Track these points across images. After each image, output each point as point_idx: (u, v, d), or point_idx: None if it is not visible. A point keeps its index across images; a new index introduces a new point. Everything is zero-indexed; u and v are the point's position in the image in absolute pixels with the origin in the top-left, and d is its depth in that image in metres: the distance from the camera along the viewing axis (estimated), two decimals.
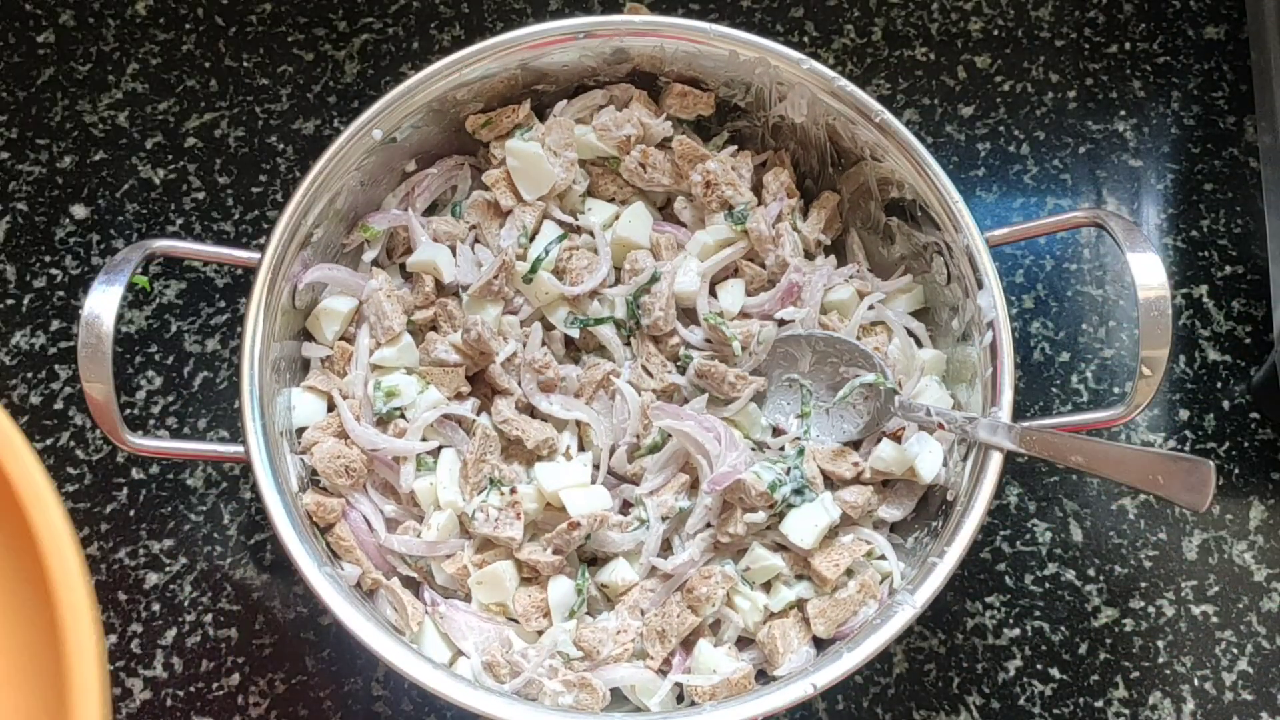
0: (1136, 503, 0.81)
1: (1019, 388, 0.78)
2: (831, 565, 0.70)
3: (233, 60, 0.93)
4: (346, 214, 0.77)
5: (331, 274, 0.75)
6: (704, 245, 0.76)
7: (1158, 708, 0.76)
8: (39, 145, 0.90)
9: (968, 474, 0.69)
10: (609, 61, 0.79)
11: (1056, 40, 0.94)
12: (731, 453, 0.70)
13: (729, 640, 0.71)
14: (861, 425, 0.73)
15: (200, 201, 0.88)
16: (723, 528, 0.70)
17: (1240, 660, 0.77)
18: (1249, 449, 0.83)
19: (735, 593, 0.70)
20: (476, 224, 0.78)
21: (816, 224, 0.79)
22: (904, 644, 0.77)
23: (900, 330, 0.77)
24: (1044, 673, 0.77)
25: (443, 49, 0.93)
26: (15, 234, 0.88)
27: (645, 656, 0.70)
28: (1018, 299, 0.87)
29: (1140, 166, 0.91)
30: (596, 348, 0.77)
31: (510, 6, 0.95)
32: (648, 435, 0.73)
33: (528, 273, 0.75)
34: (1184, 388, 0.84)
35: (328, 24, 0.94)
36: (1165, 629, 0.78)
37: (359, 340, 0.75)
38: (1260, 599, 0.79)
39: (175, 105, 0.91)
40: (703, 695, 0.68)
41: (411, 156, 0.79)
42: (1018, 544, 0.80)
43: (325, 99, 0.92)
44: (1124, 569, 0.79)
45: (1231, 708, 0.76)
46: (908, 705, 0.76)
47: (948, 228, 0.73)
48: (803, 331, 0.75)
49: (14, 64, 0.92)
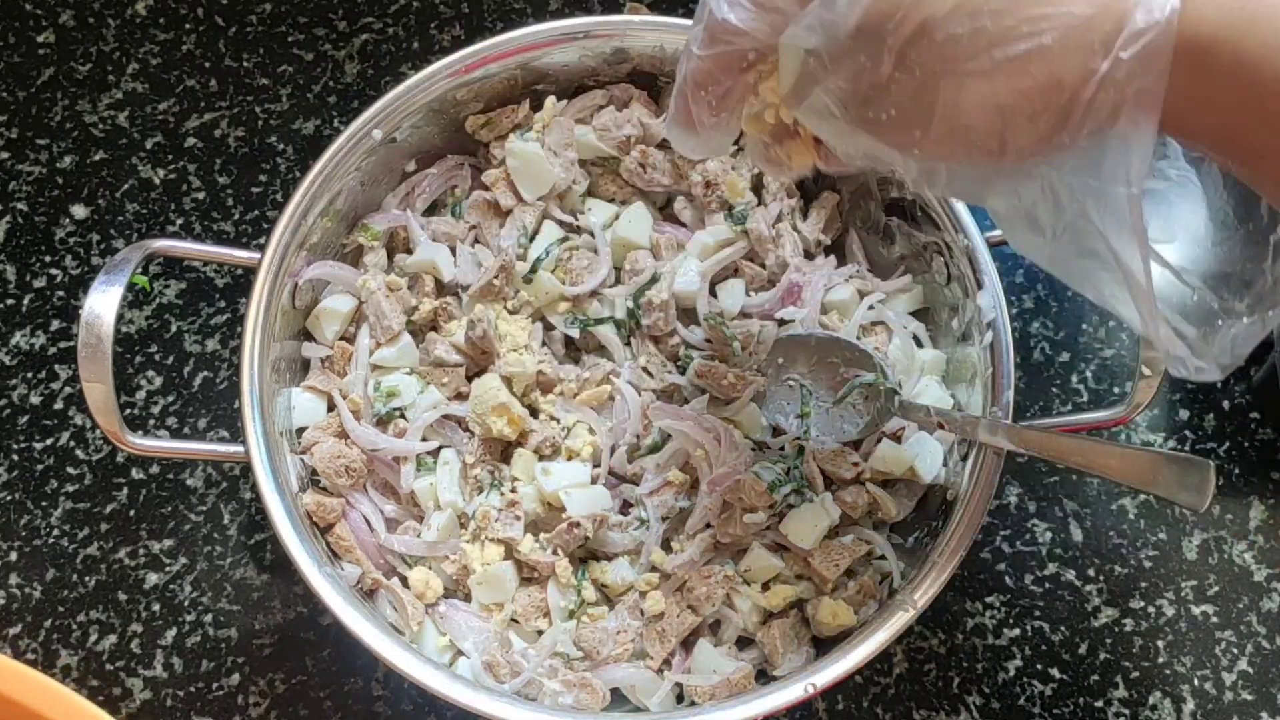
0: (1136, 503, 0.81)
1: (1019, 388, 0.77)
2: (831, 565, 0.70)
3: (233, 60, 0.93)
4: (346, 214, 0.77)
5: (332, 271, 0.75)
6: (704, 245, 0.76)
7: (1158, 708, 0.76)
8: (39, 145, 0.90)
9: (968, 474, 0.69)
10: (609, 61, 0.79)
11: None
12: (731, 453, 0.70)
13: (729, 640, 0.71)
14: (861, 425, 0.73)
15: (200, 201, 0.88)
16: (723, 528, 0.70)
17: (1240, 660, 0.77)
18: (1249, 449, 0.83)
19: (735, 593, 0.70)
20: (476, 224, 0.78)
21: (816, 224, 0.79)
22: (904, 644, 0.77)
23: (900, 330, 0.77)
24: (1044, 673, 0.77)
25: (443, 49, 0.93)
26: (15, 234, 0.88)
27: (645, 656, 0.70)
28: (1018, 299, 0.87)
29: None
30: (596, 348, 0.77)
31: (510, 6, 0.95)
32: (648, 435, 0.73)
33: (528, 273, 0.75)
34: (1184, 388, 0.84)
35: (328, 24, 0.94)
36: (1165, 629, 0.78)
37: (359, 340, 0.75)
38: (1260, 599, 0.79)
39: (175, 105, 0.91)
40: (703, 695, 0.68)
41: (411, 156, 0.79)
42: (1018, 544, 0.80)
43: (325, 99, 0.92)
44: (1124, 569, 0.79)
45: (1231, 708, 0.76)
46: (908, 705, 0.76)
47: (948, 228, 0.73)
48: (803, 331, 0.75)
49: (14, 64, 0.92)
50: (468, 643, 0.70)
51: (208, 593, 0.78)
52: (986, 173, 0.43)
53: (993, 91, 0.39)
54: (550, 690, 0.67)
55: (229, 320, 0.85)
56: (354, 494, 0.73)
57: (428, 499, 0.72)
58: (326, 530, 0.71)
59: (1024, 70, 0.38)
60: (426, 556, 0.72)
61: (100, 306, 0.65)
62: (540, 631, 0.70)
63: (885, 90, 0.42)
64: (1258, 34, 0.36)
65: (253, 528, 0.80)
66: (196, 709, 0.76)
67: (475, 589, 0.70)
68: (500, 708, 0.63)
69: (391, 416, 0.73)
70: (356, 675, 0.76)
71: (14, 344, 0.84)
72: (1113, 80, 0.37)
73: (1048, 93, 0.38)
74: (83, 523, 0.80)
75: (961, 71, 0.39)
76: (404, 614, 0.69)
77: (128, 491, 0.81)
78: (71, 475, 0.81)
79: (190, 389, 0.83)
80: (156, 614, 0.78)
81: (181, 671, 0.76)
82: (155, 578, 0.79)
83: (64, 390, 0.83)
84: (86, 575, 0.79)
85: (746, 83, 0.50)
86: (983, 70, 0.39)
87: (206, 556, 0.79)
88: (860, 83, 0.42)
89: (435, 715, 0.75)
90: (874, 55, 0.41)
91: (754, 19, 0.46)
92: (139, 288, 0.85)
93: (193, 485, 0.81)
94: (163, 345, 0.85)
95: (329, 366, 0.76)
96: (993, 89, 0.39)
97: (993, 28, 0.38)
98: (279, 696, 0.76)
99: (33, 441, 0.82)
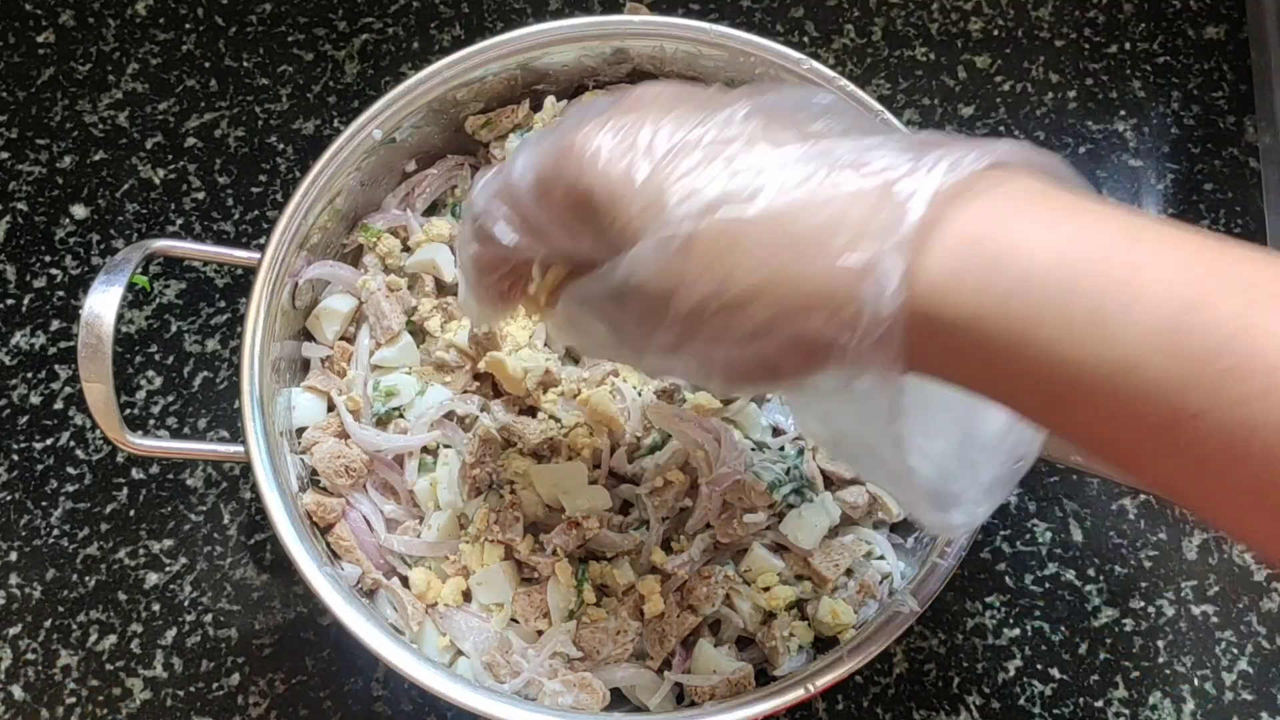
0: (1136, 503, 0.81)
1: None
2: (831, 565, 0.70)
3: (233, 60, 0.93)
4: (346, 214, 0.77)
5: (332, 271, 0.75)
6: None
7: (1158, 708, 0.76)
8: (39, 145, 0.90)
9: None
10: (609, 61, 0.79)
11: (1056, 40, 0.94)
12: (731, 453, 0.70)
13: (729, 640, 0.71)
14: None
15: (200, 201, 0.88)
16: (723, 528, 0.70)
17: (1240, 660, 0.77)
18: None
19: (735, 593, 0.70)
20: None
21: None
22: (904, 644, 0.77)
23: None
24: (1044, 673, 0.77)
25: (443, 49, 0.93)
26: (15, 234, 0.88)
27: (645, 656, 0.70)
28: None
29: (1140, 166, 0.91)
30: None
31: (510, 6, 0.95)
32: (648, 435, 0.73)
33: None
34: None
35: (328, 24, 0.94)
36: (1165, 629, 0.78)
37: (359, 340, 0.75)
38: (1260, 599, 0.79)
39: (175, 105, 0.91)
40: (703, 695, 0.68)
41: (411, 156, 0.79)
42: (1018, 544, 0.80)
43: (325, 99, 0.92)
44: (1124, 569, 0.79)
45: (1231, 708, 0.76)
46: (908, 705, 0.76)
47: None
48: None
49: (14, 64, 0.92)
50: (468, 643, 0.70)
51: (208, 593, 0.78)
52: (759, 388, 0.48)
53: (747, 361, 0.43)
54: (550, 690, 0.67)
55: (229, 320, 0.85)
56: (354, 494, 0.73)
57: (428, 499, 0.72)
58: (326, 530, 0.71)
59: (772, 355, 0.42)
60: (426, 556, 0.72)
61: (100, 306, 0.65)
62: (540, 632, 0.70)
63: (670, 345, 0.45)
64: (985, 299, 0.39)
65: (253, 528, 0.80)
66: (196, 709, 0.76)
67: (475, 589, 0.70)
68: (500, 708, 0.63)
69: (391, 416, 0.73)
70: (356, 675, 0.76)
71: (14, 344, 0.84)
72: (856, 353, 0.40)
73: (802, 351, 0.42)
74: (83, 523, 0.80)
75: (724, 344, 0.43)
76: (404, 614, 0.69)
77: (128, 491, 0.81)
78: (71, 475, 0.81)
79: (190, 389, 0.83)
80: (156, 614, 0.78)
81: (181, 671, 0.76)
82: (155, 578, 0.79)
83: (64, 390, 0.83)
84: (86, 575, 0.79)
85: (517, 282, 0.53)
86: (739, 348, 0.43)
87: (206, 556, 0.79)
88: (640, 338, 0.45)
89: (435, 715, 0.75)
90: (656, 324, 0.44)
91: (522, 242, 0.49)
92: (139, 288, 0.85)
93: (193, 485, 0.81)
94: (163, 345, 0.85)
95: (329, 366, 0.76)
96: (759, 351, 0.43)
97: (738, 322, 0.42)
98: (279, 696, 0.76)
99: (33, 441, 0.82)
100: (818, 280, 0.40)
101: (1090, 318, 0.37)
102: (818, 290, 0.40)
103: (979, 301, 0.39)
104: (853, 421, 0.46)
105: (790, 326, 0.41)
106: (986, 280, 0.39)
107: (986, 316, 0.39)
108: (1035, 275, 0.38)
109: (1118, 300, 0.37)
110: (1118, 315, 0.37)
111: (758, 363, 0.43)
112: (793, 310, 0.41)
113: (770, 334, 0.42)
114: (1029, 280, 0.38)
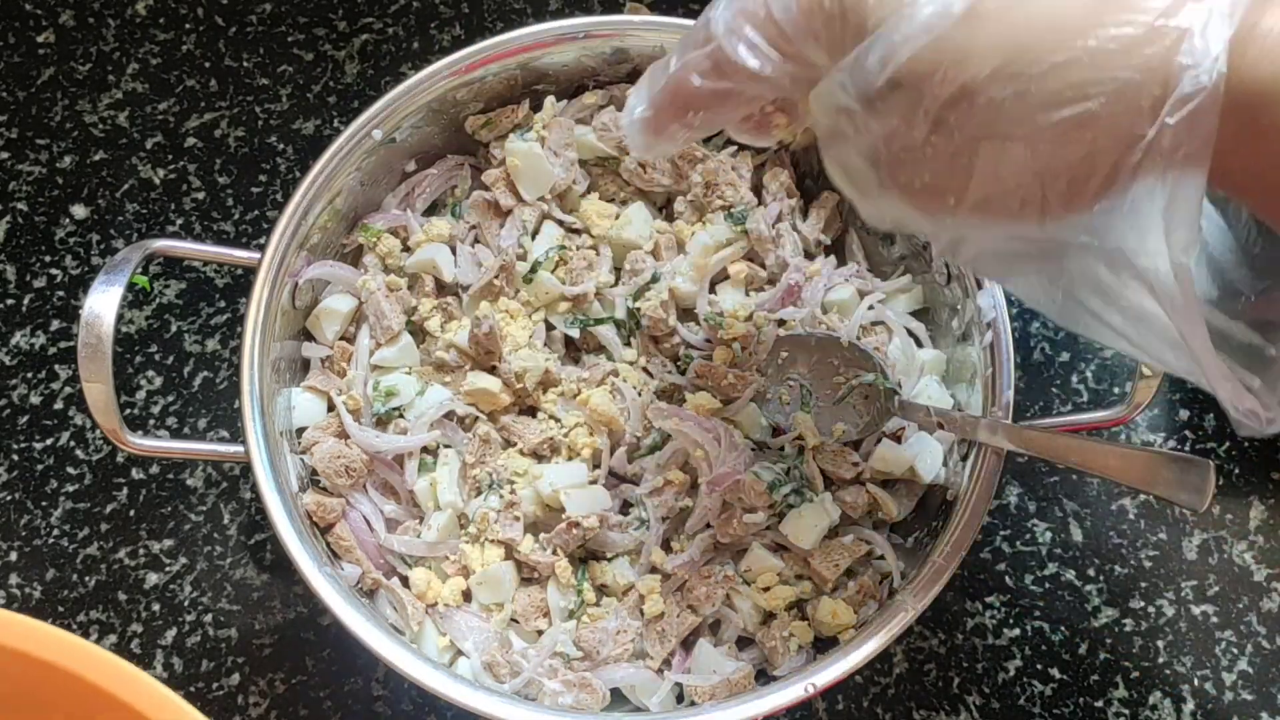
0: (1136, 503, 0.81)
1: (1019, 388, 0.77)
2: (831, 565, 0.70)
3: (233, 60, 0.93)
4: (346, 214, 0.77)
5: (332, 271, 0.76)
6: (704, 245, 0.76)
7: (1158, 708, 0.76)
8: (39, 145, 0.90)
9: (968, 474, 0.69)
10: (609, 61, 0.79)
11: None
12: (731, 453, 0.70)
13: (729, 640, 0.71)
14: (861, 425, 0.73)
15: (200, 201, 0.88)
16: (723, 528, 0.70)
17: (1240, 660, 0.77)
18: (1249, 449, 0.83)
19: (735, 593, 0.70)
20: (476, 224, 0.78)
21: (816, 224, 0.79)
22: (904, 644, 0.77)
23: (900, 330, 0.77)
24: (1044, 673, 0.77)
25: (443, 49, 0.93)
26: (15, 234, 0.88)
27: (645, 656, 0.70)
28: (1017, 299, 0.87)
29: None
30: (596, 348, 0.77)
31: (510, 6, 0.95)
32: (648, 435, 0.73)
33: (528, 273, 0.75)
34: (1184, 387, 0.84)
35: (328, 24, 0.94)
36: (1165, 629, 0.78)
37: (359, 340, 0.75)
38: (1260, 599, 0.79)
39: (175, 105, 0.91)
40: (702, 695, 0.68)
41: (411, 156, 0.79)
42: (1018, 544, 0.80)
43: (325, 99, 0.92)
44: (1124, 569, 0.79)
45: (1231, 708, 0.76)
46: (908, 705, 0.76)
47: None
48: (803, 331, 0.75)
49: (14, 64, 0.92)
50: (468, 643, 0.70)
51: (208, 593, 0.78)
52: (1017, 248, 0.42)
53: (1034, 157, 0.38)
54: (550, 690, 0.67)
55: (229, 320, 0.85)
56: (354, 494, 0.73)
57: (428, 499, 0.72)
58: (326, 530, 0.71)
59: (1068, 136, 0.37)
60: (426, 556, 0.72)
61: (100, 306, 0.65)
62: (540, 631, 0.70)
63: (920, 154, 0.40)
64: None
65: (253, 528, 0.80)
66: (196, 709, 0.75)
67: (475, 589, 0.70)
68: (500, 708, 0.63)
69: (391, 416, 0.73)
70: (356, 675, 0.76)
71: (14, 344, 0.84)
72: (1159, 146, 0.36)
73: (1092, 158, 0.37)
74: (83, 523, 0.80)
75: (1002, 136, 0.38)
76: (404, 614, 0.69)
77: (128, 491, 0.81)
78: (71, 475, 0.81)
79: (190, 389, 0.83)
80: (156, 614, 0.78)
81: (181, 671, 0.76)
82: (155, 578, 0.79)
83: (64, 390, 0.83)
84: (86, 575, 0.79)
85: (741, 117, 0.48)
86: (1025, 136, 0.38)
87: (206, 556, 0.79)
88: (893, 145, 0.41)
89: (435, 715, 0.75)
90: (909, 117, 0.39)
91: (773, 67, 0.43)
92: (139, 288, 0.85)
93: (193, 485, 0.81)
94: (163, 345, 0.85)
95: (329, 366, 0.76)
96: (1035, 155, 0.38)
97: (1036, 92, 0.37)
98: (279, 696, 0.76)
99: (33, 441, 0.82)
100: (1129, 40, 0.35)
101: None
102: (1129, 58, 0.35)
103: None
104: (1124, 282, 0.39)
105: (1103, 97, 0.36)
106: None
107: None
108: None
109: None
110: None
111: (1033, 183, 0.37)
112: (1103, 81, 0.35)
113: (1081, 103, 0.36)
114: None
